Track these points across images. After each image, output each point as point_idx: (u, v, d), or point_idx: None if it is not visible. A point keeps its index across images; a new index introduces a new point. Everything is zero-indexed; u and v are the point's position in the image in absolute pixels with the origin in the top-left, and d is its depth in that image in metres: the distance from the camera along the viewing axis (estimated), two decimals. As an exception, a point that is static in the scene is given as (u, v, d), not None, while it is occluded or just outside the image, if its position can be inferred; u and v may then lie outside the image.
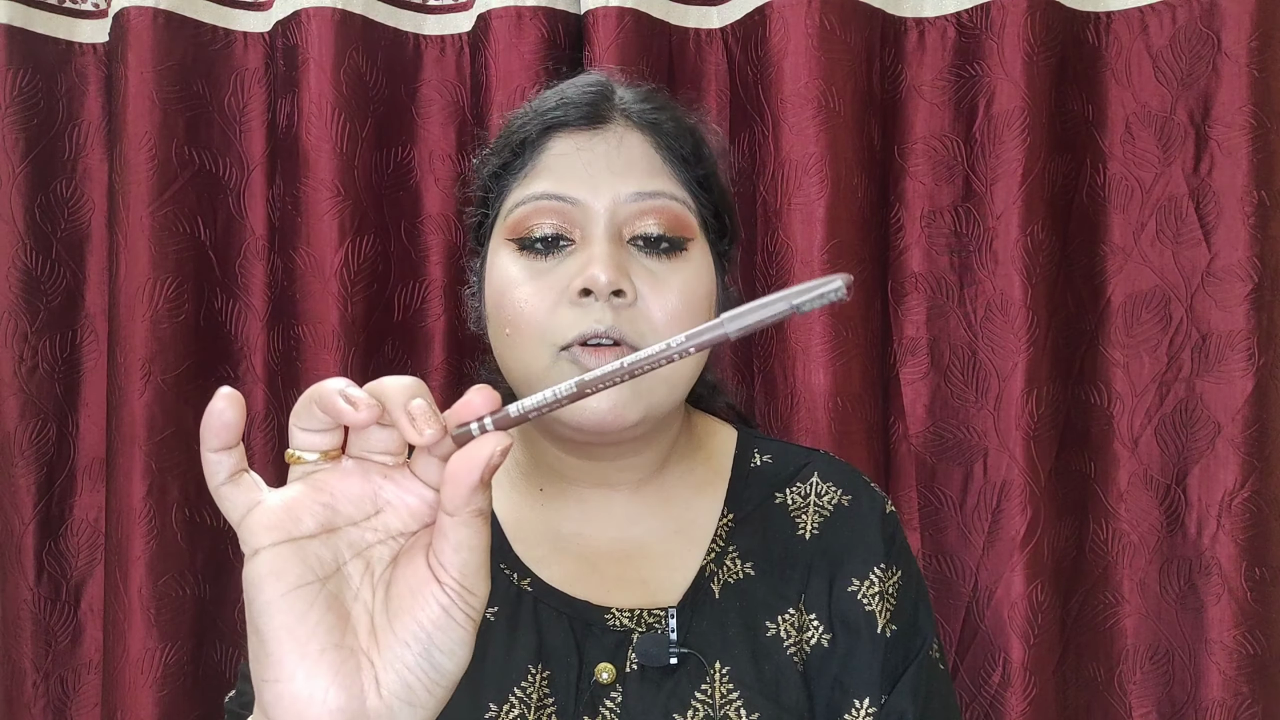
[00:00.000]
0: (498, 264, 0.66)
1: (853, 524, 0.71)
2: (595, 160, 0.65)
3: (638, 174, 0.65)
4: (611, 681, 0.65)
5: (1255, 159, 0.98)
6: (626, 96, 0.68)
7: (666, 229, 0.64)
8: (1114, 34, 1.03)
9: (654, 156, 0.66)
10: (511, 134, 0.69)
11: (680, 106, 0.71)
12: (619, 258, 0.63)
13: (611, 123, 0.66)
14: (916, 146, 1.05)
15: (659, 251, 0.64)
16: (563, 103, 0.67)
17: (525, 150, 0.67)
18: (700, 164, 0.68)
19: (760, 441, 0.77)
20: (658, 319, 0.63)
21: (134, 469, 1.03)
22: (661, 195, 0.65)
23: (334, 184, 1.04)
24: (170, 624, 1.04)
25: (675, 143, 0.67)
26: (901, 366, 1.06)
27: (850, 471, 0.75)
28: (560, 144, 0.66)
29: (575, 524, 0.72)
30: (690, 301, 0.64)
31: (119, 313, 1.05)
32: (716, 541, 0.71)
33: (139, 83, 1.04)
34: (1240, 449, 0.99)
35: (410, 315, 1.10)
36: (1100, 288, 1.04)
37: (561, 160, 0.65)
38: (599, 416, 0.62)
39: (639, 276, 0.63)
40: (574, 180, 0.64)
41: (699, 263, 0.66)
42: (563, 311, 0.62)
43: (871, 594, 0.69)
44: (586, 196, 0.64)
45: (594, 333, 0.61)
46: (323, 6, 1.03)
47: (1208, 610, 1.00)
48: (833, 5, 1.00)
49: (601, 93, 0.68)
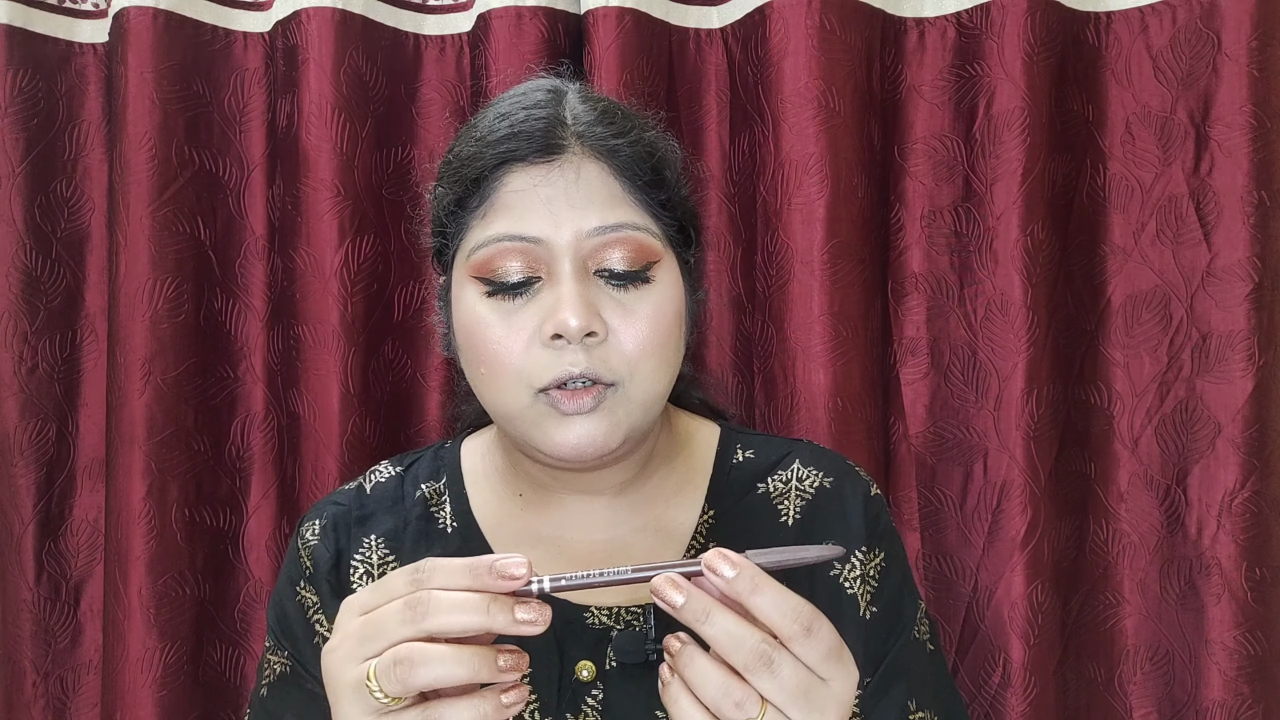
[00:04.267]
0: (465, 300, 0.66)
1: (834, 506, 0.72)
2: (554, 196, 0.63)
3: (598, 206, 0.64)
4: (592, 679, 0.66)
5: (1255, 159, 0.98)
6: (581, 116, 0.66)
7: (631, 262, 0.64)
8: (1114, 34, 1.03)
9: (613, 185, 0.65)
10: (463, 167, 0.67)
11: (635, 120, 0.69)
12: (588, 295, 0.62)
13: (566, 151, 0.64)
14: (916, 146, 1.05)
15: (625, 282, 0.64)
16: (514, 134, 0.65)
17: (480, 186, 0.65)
18: (661, 187, 0.67)
19: (742, 436, 0.78)
20: (629, 350, 0.63)
21: (134, 469, 1.03)
22: (624, 226, 0.64)
23: (334, 184, 1.04)
24: (170, 624, 1.04)
25: (634, 169, 0.65)
26: (901, 366, 1.06)
27: (833, 457, 0.76)
28: (516, 179, 0.64)
29: (555, 527, 0.72)
30: (660, 327, 0.65)
31: (119, 313, 1.05)
32: (696, 539, 0.71)
33: (139, 83, 1.04)
34: (1241, 449, 0.99)
35: (410, 315, 1.10)
36: (1100, 288, 1.04)
37: (519, 197, 0.64)
38: (579, 449, 0.63)
39: (608, 310, 0.63)
40: (534, 218, 0.63)
41: (666, 284, 0.66)
42: (536, 353, 0.63)
43: (853, 577, 0.70)
44: (549, 234, 0.63)
45: (569, 375, 0.62)
46: (322, 6, 1.03)
47: (1208, 611, 1.00)
48: (833, 5, 1.00)
49: (553, 118, 0.65)
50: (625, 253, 0.64)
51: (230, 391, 1.10)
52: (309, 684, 0.72)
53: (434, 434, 1.09)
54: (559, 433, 0.63)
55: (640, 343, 0.64)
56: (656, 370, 0.65)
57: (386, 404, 1.09)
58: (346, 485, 0.79)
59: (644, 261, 0.64)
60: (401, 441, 1.10)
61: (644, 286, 0.65)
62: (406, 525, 0.74)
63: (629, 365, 0.63)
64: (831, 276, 1.00)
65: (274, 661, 0.74)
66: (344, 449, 1.04)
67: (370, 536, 0.74)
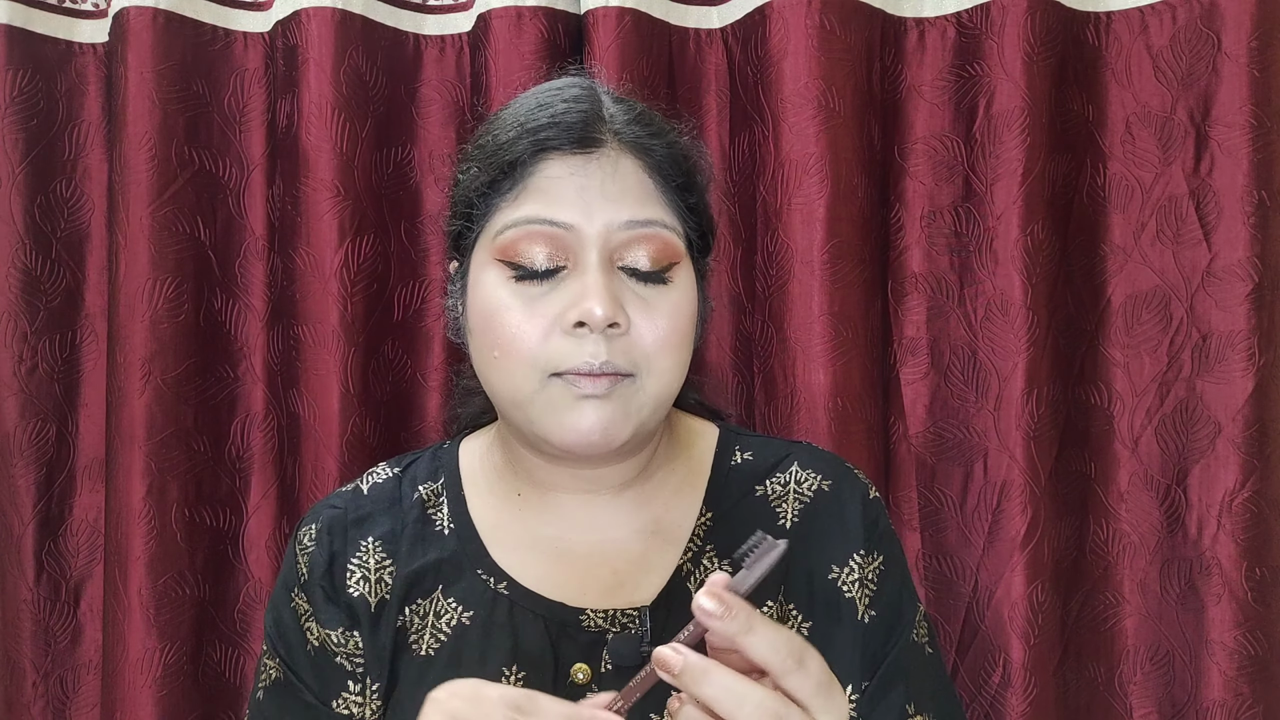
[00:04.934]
0: (484, 282, 0.66)
1: (833, 509, 0.72)
2: (589, 186, 0.64)
3: (631, 201, 0.65)
4: (587, 682, 0.66)
5: (1255, 159, 0.98)
6: (617, 115, 0.67)
7: (655, 261, 0.65)
8: (1114, 34, 1.03)
9: (647, 182, 0.66)
10: (499, 151, 0.67)
11: (671, 126, 0.71)
12: (613, 288, 0.63)
13: (604, 145, 0.65)
14: (916, 146, 1.05)
15: (649, 279, 0.65)
16: (554, 123, 0.65)
17: (515, 171, 0.65)
18: (691, 191, 0.69)
19: (742, 438, 0.78)
20: (649, 344, 0.64)
21: (134, 469, 1.03)
22: (654, 224, 0.65)
23: (334, 184, 1.04)
24: (170, 624, 1.03)
25: (669, 169, 0.67)
26: (901, 366, 1.06)
27: (832, 459, 0.76)
28: (552, 166, 0.65)
29: (554, 528, 0.72)
30: (678, 325, 0.66)
31: (119, 313, 1.05)
32: (694, 541, 0.71)
33: (139, 83, 1.04)
34: (1241, 449, 0.99)
35: (410, 315, 1.10)
36: (1100, 288, 1.04)
37: (554, 184, 0.64)
38: (588, 436, 0.63)
39: (630, 303, 0.64)
40: (566, 205, 0.64)
41: (685, 285, 0.67)
42: (556, 340, 0.63)
43: (851, 580, 0.70)
44: (580, 222, 0.63)
45: (588, 367, 0.62)
46: (322, 6, 1.03)
47: (1208, 611, 1.00)
48: (833, 5, 1.00)
49: (592, 111, 0.67)
50: (651, 250, 0.65)
51: (230, 391, 1.10)
52: (304, 694, 0.72)
53: (434, 434, 1.09)
54: (570, 417, 0.63)
55: (660, 338, 0.64)
56: (673, 368, 0.66)
57: (386, 404, 1.09)
58: (344, 487, 0.79)
59: (667, 261, 0.66)
60: (401, 442, 1.10)
61: (664, 285, 0.66)
62: (404, 527, 0.74)
63: (647, 359, 0.64)
64: (831, 276, 1.00)
65: (269, 666, 0.75)
66: (344, 449, 1.04)
67: (367, 539, 0.74)
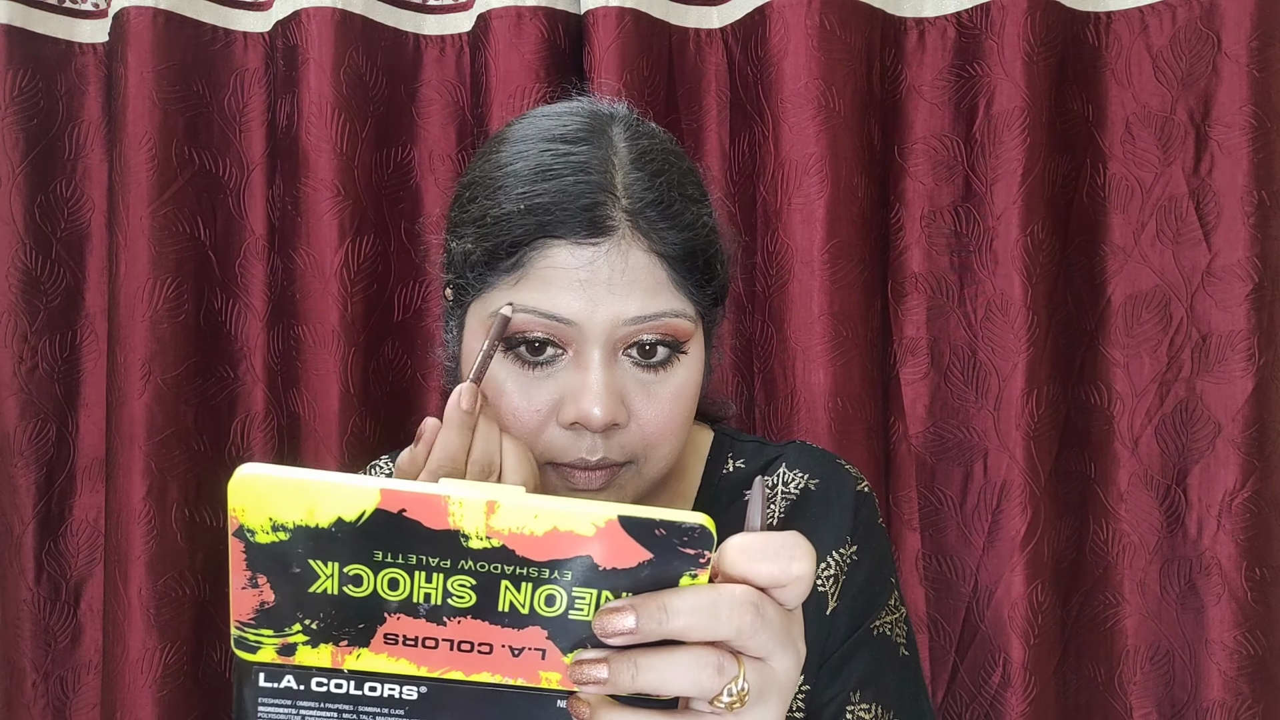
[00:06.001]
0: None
1: (816, 507, 0.71)
2: (595, 280, 0.58)
3: (639, 294, 0.59)
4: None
5: (1255, 159, 0.98)
6: (635, 186, 0.60)
7: (662, 348, 0.61)
8: (1114, 34, 1.03)
9: (659, 273, 0.60)
10: (498, 225, 0.60)
11: (692, 195, 0.63)
12: (614, 385, 0.59)
13: (614, 233, 0.58)
14: (916, 146, 1.05)
15: (652, 363, 0.61)
16: (559, 204, 0.58)
17: (515, 252, 0.59)
18: (712, 281, 0.63)
19: (736, 444, 0.77)
20: (649, 433, 0.62)
21: (134, 469, 1.03)
22: (664, 315, 0.60)
23: (334, 184, 1.04)
24: (170, 624, 1.03)
25: (686, 262, 0.60)
26: (901, 366, 1.06)
27: (821, 456, 0.74)
28: (556, 254, 0.58)
29: None
30: (679, 407, 0.63)
31: (119, 313, 1.05)
32: None
33: (139, 83, 1.04)
34: (1240, 449, 0.99)
35: (410, 315, 1.10)
36: (1100, 288, 1.04)
37: (558, 274, 0.58)
38: None
39: (631, 393, 0.61)
40: (569, 298, 0.58)
41: (692, 362, 0.63)
42: (552, 432, 0.61)
43: (826, 576, 0.69)
44: (583, 317, 0.58)
45: (584, 463, 0.61)
46: (322, 6, 1.03)
47: (1208, 610, 1.00)
48: (833, 5, 1.00)
49: (603, 185, 0.59)
50: (659, 337, 0.61)
51: (230, 391, 1.10)
52: None
53: (434, 434, 1.09)
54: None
55: (660, 425, 0.62)
56: (672, 450, 0.64)
57: (386, 404, 1.09)
58: None
59: (675, 343, 0.62)
60: (401, 441, 1.09)
61: (671, 366, 0.62)
62: None
63: (646, 447, 0.62)
64: (831, 276, 1.00)
65: None
66: (344, 449, 1.04)
67: None
